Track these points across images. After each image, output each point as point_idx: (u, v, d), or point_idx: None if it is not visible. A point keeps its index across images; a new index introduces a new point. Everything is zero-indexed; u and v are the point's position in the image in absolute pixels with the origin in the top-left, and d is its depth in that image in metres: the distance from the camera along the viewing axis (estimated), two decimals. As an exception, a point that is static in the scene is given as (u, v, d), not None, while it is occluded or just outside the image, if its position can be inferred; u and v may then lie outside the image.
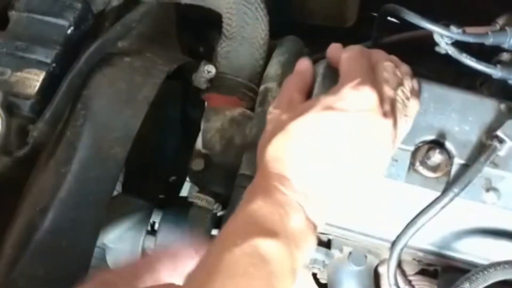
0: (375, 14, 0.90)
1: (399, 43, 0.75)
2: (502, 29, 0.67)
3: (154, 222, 0.81)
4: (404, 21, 0.69)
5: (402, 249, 0.59)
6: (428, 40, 0.67)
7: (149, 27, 0.75)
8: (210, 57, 1.01)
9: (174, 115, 0.78)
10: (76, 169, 0.57)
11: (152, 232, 0.81)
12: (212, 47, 1.07)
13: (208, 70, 0.62)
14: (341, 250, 0.66)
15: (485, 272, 0.53)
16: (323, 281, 0.74)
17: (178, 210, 0.79)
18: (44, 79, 0.62)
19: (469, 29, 0.69)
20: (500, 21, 0.70)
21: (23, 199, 0.57)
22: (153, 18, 0.77)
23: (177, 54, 0.78)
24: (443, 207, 0.56)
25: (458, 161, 0.57)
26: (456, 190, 0.55)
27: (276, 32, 0.73)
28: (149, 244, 0.81)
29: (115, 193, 0.71)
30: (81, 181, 0.57)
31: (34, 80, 0.62)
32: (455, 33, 0.62)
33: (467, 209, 0.58)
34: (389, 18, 0.76)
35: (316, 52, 0.84)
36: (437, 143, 0.57)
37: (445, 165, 0.57)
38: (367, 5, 0.93)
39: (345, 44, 0.90)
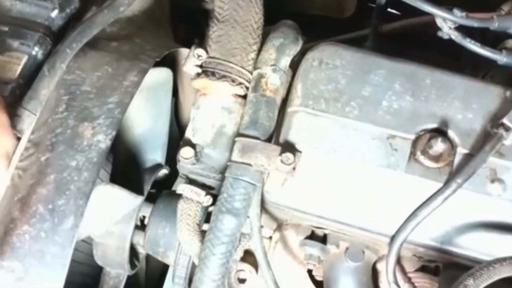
0: (373, 5, 0.88)
1: (399, 31, 0.72)
2: (508, 14, 0.64)
3: (144, 217, 0.79)
4: (404, 9, 0.66)
5: (401, 244, 0.56)
6: (429, 29, 0.65)
7: (140, 13, 0.72)
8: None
9: (165, 104, 0.75)
10: (57, 157, 0.54)
11: (142, 227, 0.78)
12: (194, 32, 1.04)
13: (199, 54, 0.59)
14: (337, 246, 0.62)
15: (490, 268, 0.50)
16: (319, 278, 0.71)
17: (169, 203, 0.76)
18: (25, 63, 0.59)
19: (472, 15, 0.66)
20: (506, 7, 0.67)
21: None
22: (144, 4, 0.74)
23: (169, 42, 0.74)
24: (445, 199, 0.53)
25: (461, 151, 0.54)
26: (459, 181, 0.52)
27: (273, 23, 0.71)
28: (138, 240, 0.78)
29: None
30: (61, 170, 0.53)
31: (15, 64, 0.58)
32: (459, 16, 0.59)
33: (470, 201, 0.55)
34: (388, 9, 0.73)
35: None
36: (439, 132, 0.55)
37: (447, 155, 0.54)
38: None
39: (341, 34, 0.87)
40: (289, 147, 0.55)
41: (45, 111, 0.57)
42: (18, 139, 0.55)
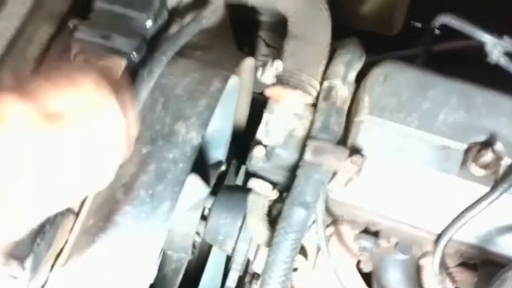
0: (419, 25, 0.95)
1: (449, 52, 0.80)
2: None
3: (205, 208, 0.87)
4: (452, 31, 0.74)
5: (448, 242, 0.64)
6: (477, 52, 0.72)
7: (215, 25, 0.81)
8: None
9: (231, 108, 0.84)
10: (157, 150, 0.63)
11: (203, 217, 0.86)
12: (254, 48, 1.13)
13: (277, 67, 0.68)
14: (388, 240, 0.71)
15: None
16: (364, 270, 0.79)
17: (229, 196, 0.85)
18: (126, 67, 0.67)
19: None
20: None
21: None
22: (218, 17, 0.83)
23: (237, 51, 0.83)
24: (491, 203, 0.61)
25: (507, 161, 0.62)
26: (504, 186, 0.60)
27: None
28: (198, 228, 0.86)
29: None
30: (160, 161, 0.62)
31: (117, 67, 0.67)
32: (508, 42, 0.67)
33: (511, 206, 0.62)
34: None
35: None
36: (488, 144, 0.62)
37: (494, 164, 0.62)
38: (413, 15, 0.99)
39: (389, 51, 0.95)
40: (356, 151, 0.63)
41: (144, 110, 0.66)
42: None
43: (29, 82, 0.48)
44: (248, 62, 0.82)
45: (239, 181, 1.01)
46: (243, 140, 0.86)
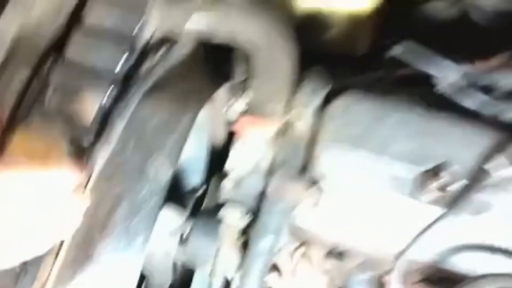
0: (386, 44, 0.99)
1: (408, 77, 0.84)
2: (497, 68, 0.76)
3: (183, 232, 0.91)
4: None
5: (405, 260, 0.68)
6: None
7: (185, 59, 0.85)
8: (228, 75, 1.12)
9: (205, 136, 0.88)
10: (130, 187, 0.67)
11: (181, 241, 0.90)
12: (232, 68, 1.17)
13: (240, 102, 0.72)
14: (353, 260, 0.75)
15: (476, 282, 0.63)
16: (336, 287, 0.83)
17: (206, 221, 0.89)
18: (99, 108, 0.71)
19: (471, 66, 0.78)
20: (497, 59, 0.80)
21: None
22: (188, 51, 0.87)
23: (208, 83, 0.87)
24: (442, 225, 0.66)
25: (459, 183, 0.67)
26: (454, 210, 0.65)
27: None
28: (180, 251, 0.91)
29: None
30: (133, 197, 0.66)
31: (91, 108, 0.71)
32: (453, 76, 0.71)
33: (463, 227, 0.67)
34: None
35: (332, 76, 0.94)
36: (442, 167, 0.67)
37: (446, 189, 0.67)
38: (379, 35, 1.03)
39: (356, 72, 0.99)
40: (315, 182, 0.68)
41: (116, 149, 0.70)
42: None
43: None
44: (222, 90, 0.86)
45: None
46: (222, 157, 0.90)
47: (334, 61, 1.03)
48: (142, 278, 0.96)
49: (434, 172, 0.66)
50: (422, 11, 0.93)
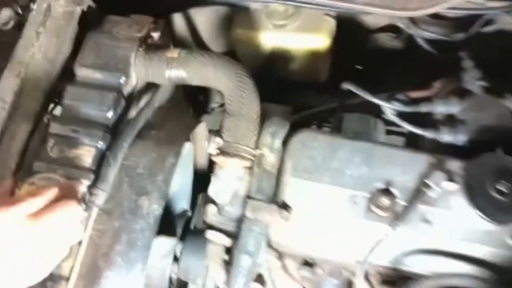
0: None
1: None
2: (435, 96, 0.89)
3: (175, 252, 1.02)
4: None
5: (366, 266, 0.81)
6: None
7: (166, 103, 0.96)
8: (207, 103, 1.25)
9: (189, 167, 1.00)
10: (126, 223, 0.78)
11: (175, 259, 1.02)
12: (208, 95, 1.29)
13: (218, 141, 0.84)
14: (322, 268, 0.87)
15: (423, 281, 0.76)
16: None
17: (195, 241, 1.00)
18: (95, 154, 0.82)
19: (412, 93, 0.91)
20: (438, 84, 0.93)
21: (87, 245, 0.78)
22: (169, 95, 0.98)
23: (189, 120, 0.99)
24: (392, 235, 0.78)
25: (401, 202, 0.79)
26: (400, 223, 0.78)
27: (266, 89, 0.94)
28: (172, 269, 1.02)
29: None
30: (130, 232, 0.78)
31: (88, 155, 0.82)
32: (397, 105, 0.84)
33: (409, 236, 0.79)
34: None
35: (299, 103, 1.06)
36: (386, 190, 0.79)
37: (392, 206, 0.79)
38: (337, 63, 1.15)
39: (319, 97, 1.12)
40: (284, 206, 0.80)
41: (113, 189, 0.81)
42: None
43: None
44: (200, 127, 0.98)
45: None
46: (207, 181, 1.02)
47: (300, 88, 1.16)
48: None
49: (380, 194, 0.79)
50: (371, 42, 1.06)
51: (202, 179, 1.04)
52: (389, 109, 0.84)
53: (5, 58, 0.90)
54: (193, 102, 1.25)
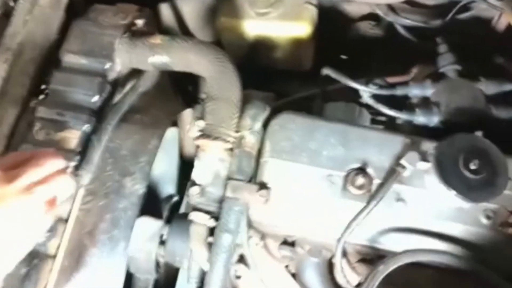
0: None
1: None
2: (412, 81, 0.92)
3: (162, 235, 1.05)
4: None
5: (343, 244, 0.83)
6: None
7: (151, 88, 0.99)
8: (196, 94, 1.27)
9: (174, 152, 1.02)
10: (110, 202, 0.81)
11: (162, 242, 1.04)
12: (197, 86, 1.31)
13: (199, 124, 0.86)
14: (302, 247, 0.90)
15: (397, 257, 0.78)
16: (293, 271, 0.98)
17: (181, 224, 1.03)
18: (80, 137, 0.85)
19: (390, 79, 0.94)
20: (415, 70, 0.95)
21: (74, 224, 0.80)
22: (152, 79, 1.01)
23: (174, 106, 1.01)
24: (367, 214, 0.80)
25: (376, 182, 0.82)
26: (375, 202, 0.80)
27: (250, 78, 0.97)
28: (159, 252, 1.05)
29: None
30: (114, 211, 0.80)
31: (73, 138, 0.84)
32: (373, 89, 0.86)
33: (384, 214, 0.82)
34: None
35: (283, 90, 1.08)
36: (361, 170, 0.82)
37: (368, 185, 0.82)
38: (320, 52, 1.18)
39: (303, 85, 1.14)
40: (263, 185, 0.82)
41: (97, 170, 0.84)
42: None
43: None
44: (187, 112, 1.01)
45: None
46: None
47: (284, 76, 1.19)
48: (130, 277, 1.10)
49: (355, 173, 0.81)
50: (352, 30, 1.08)
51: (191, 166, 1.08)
52: (366, 92, 0.86)
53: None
54: (183, 92, 1.28)
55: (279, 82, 1.19)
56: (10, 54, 0.91)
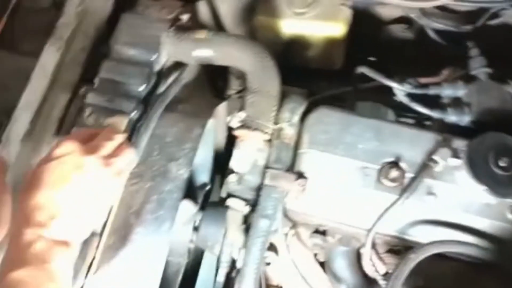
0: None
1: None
2: (443, 81, 0.96)
3: (195, 221, 1.10)
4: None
5: (374, 234, 0.87)
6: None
7: (192, 80, 1.04)
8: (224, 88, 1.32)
9: (211, 142, 1.07)
10: (156, 185, 0.85)
11: (194, 228, 1.09)
12: (227, 82, 1.36)
13: (240, 116, 0.91)
14: (333, 237, 0.94)
15: (426, 247, 0.82)
16: (321, 260, 1.02)
17: (214, 211, 1.07)
18: (127, 123, 0.90)
19: (422, 79, 0.98)
20: (444, 72, 0.99)
21: (119, 204, 0.85)
22: (194, 74, 1.06)
23: (212, 99, 1.06)
24: (399, 206, 0.85)
25: (409, 175, 0.86)
26: (408, 194, 0.84)
27: (284, 75, 1.01)
28: (192, 237, 1.09)
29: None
30: (160, 192, 0.85)
31: (121, 124, 0.89)
32: (408, 87, 0.91)
33: (415, 207, 0.86)
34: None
35: (315, 88, 1.13)
36: (395, 163, 0.86)
37: (400, 178, 0.86)
38: (352, 51, 1.22)
39: (332, 84, 1.18)
40: (300, 175, 0.87)
41: (144, 155, 0.88)
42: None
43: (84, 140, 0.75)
44: (222, 105, 1.05)
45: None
46: (224, 160, 1.09)
47: (315, 75, 1.23)
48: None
49: (389, 167, 0.86)
50: (384, 32, 1.13)
51: (218, 157, 1.12)
52: (401, 91, 0.91)
53: (45, 34, 0.99)
54: (212, 87, 1.33)
55: (309, 80, 1.23)
56: (63, 43, 0.97)
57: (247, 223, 0.97)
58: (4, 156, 0.85)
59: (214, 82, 1.38)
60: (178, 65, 1.01)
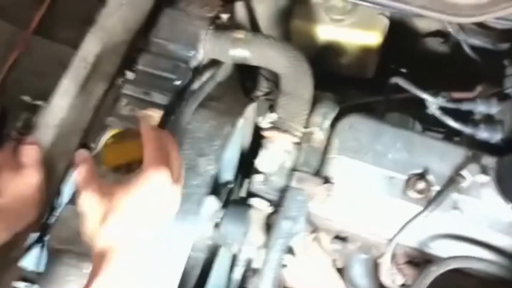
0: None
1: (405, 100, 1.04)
2: (477, 97, 0.95)
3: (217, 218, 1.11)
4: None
5: (396, 245, 0.88)
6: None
7: (225, 79, 1.06)
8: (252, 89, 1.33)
9: (238, 141, 1.09)
10: (185, 178, 0.87)
11: (216, 225, 1.10)
12: (255, 83, 1.37)
13: (271, 117, 0.92)
14: (354, 243, 0.95)
15: (445, 262, 0.82)
16: (338, 266, 1.03)
17: (236, 210, 1.09)
18: (162, 116, 0.92)
19: (456, 94, 0.98)
20: (478, 89, 0.99)
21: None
22: (228, 72, 1.07)
23: (243, 98, 1.08)
24: (424, 218, 0.85)
25: (435, 188, 0.86)
26: (433, 207, 0.85)
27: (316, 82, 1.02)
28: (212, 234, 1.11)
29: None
30: (188, 186, 0.87)
31: (157, 116, 0.92)
32: (441, 101, 0.91)
33: (440, 220, 0.86)
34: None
35: (344, 96, 1.13)
36: (422, 175, 0.87)
37: (427, 190, 0.86)
38: (383, 61, 1.22)
39: (362, 92, 1.18)
40: (327, 180, 0.88)
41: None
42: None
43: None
44: (251, 106, 1.07)
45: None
46: (247, 160, 1.10)
47: (347, 83, 1.24)
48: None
49: (416, 178, 0.86)
50: (420, 44, 1.13)
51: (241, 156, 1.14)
52: (433, 103, 0.91)
53: (83, 23, 1.01)
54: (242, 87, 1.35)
55: (336, 87, 1.24)
56: (104, 33, 0.99)
57: (268, 224, 0.98)
58: (40, 141, 0.88)
59: (243, 83, 1.41)
60: (214, 63, 1.03)
